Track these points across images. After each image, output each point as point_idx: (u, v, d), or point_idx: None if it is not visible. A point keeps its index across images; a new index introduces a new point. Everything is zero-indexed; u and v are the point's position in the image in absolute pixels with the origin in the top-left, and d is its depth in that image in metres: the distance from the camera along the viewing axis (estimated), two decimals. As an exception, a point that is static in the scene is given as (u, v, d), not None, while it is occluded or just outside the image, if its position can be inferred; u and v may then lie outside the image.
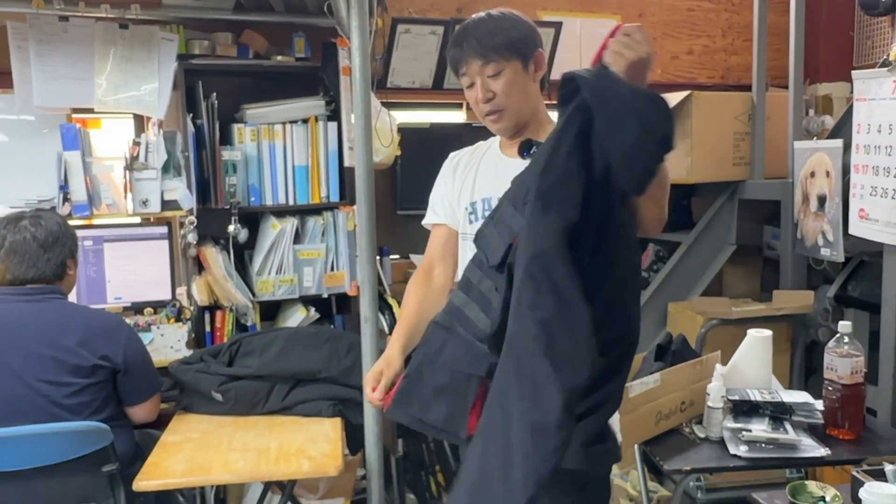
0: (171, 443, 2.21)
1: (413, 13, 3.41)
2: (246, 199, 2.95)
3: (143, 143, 2.78)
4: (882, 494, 1.60)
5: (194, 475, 2.02)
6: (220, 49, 2.97)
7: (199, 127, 2.85)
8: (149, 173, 2.77)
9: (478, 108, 1.72)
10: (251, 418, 2.39)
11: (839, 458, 2.01)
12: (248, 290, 2.92)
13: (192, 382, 2.44)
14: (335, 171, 3.02)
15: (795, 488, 1.80)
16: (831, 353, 2.10)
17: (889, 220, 2.40)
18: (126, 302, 2.91)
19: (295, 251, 2.97)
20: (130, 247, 2.92)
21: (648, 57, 1.25)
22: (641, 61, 1.24)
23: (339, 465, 2.04)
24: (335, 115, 3.01)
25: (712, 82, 3.90)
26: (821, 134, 3.41)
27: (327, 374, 2.43)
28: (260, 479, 2.20)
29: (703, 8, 3.87)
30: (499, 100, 1.68)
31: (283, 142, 2.98)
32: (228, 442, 2.21)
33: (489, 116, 1.71)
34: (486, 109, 1.69)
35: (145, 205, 2.77)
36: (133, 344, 2.30)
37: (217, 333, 2.91)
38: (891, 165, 2.39)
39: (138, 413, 2.34)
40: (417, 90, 3.46)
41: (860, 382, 2.09)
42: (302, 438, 2.22)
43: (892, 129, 2.38)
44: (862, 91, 2.52)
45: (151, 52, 2.88)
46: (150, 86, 2.88)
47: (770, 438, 2.00)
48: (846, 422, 2.09)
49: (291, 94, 3.02)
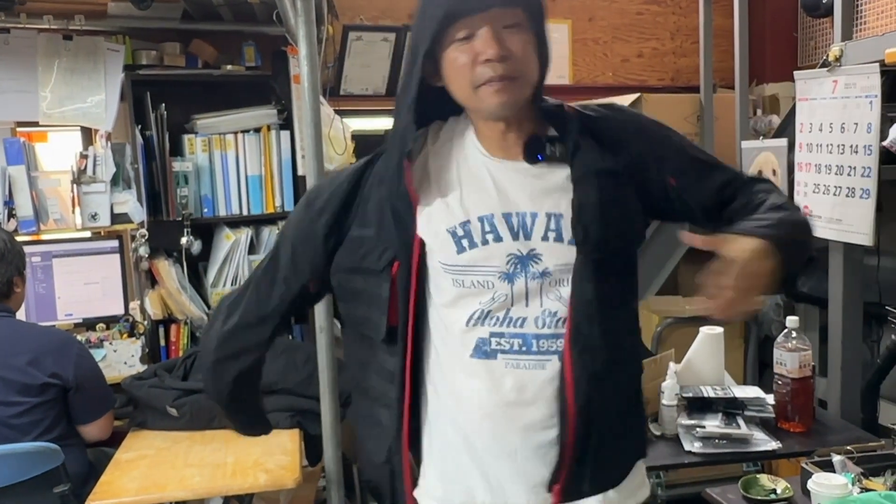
0: (125, 460, 2.18)
1: (365, 20, 3.40)
2: (198, 211, 2.91)
3: (91, 155, 2.74)
4: (829, 485, 1.64)
5: (149, 493, 1.99)
6: (168, 59, 2.94)
7: (149, 138, 2.82)
8: (97, 186, 2.72)
9: (473, 71, 1.16)
10: (208, 433, 2.36)
11: (790, 451, 2.05)
12: (203, 303, 2.88)
13: (146, 398, 2.40)
14: (289, 179, 3.00)
15: (748, 482, 1.83)
16: (780, 348, 2.15)
17: (831, 216, 2.46)
18: (77, 318, 2.85)
19: (250, 262, 2.94)
20: (80, 262, 2.86)
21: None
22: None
23: (297, 477, 2.03)
24: (288, 123, 2.99)
25: (662, 84, 3.96)
26: (768, 133, 3.48)
27: (284, 385, 2.42)
28: (217, 495, 2.17)
29: (651, 11, 3.92)
30: (515, 63, 1.16)
31: (235, 151, 2.95)
32: (184, 457, 2.18)
33: (493, 84, 1.15)
34: (497, 73, 1.15)
35: (94, 219, 2.72)
36: (84, 361, 2.26)
37: (172, 347, 2.87)
38: (832, 163, 2.45)
39: (91, 431, 2.30)
40: (371, 97, 3.46)
41: (809, 376, 2.14)
42: (259, 451, 2.20)
43: (832, 127, 2.44)
44: (804, 91, 2.58)
45: (97, 63, 2.83)
46: (97, 97, 2.83)
47: (723, 434, 2.04)
48: (796, 415, 2.14)
49: (243, 103, 3.00)
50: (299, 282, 1.36)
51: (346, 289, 1.31)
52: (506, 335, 1.21)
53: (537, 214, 1.21)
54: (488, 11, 1.15)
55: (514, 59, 1.16)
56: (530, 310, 1.21)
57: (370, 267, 1.25)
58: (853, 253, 2.54)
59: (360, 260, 1.26)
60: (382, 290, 1.23)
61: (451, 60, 1.18)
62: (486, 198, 1.22)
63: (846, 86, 2.38)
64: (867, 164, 2.30)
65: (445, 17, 1.15)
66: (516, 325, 1.21)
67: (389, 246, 1.23)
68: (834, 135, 2.43)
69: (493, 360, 1.22)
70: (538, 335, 1.21)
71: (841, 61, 2.41)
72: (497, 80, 1.16)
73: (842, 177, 2.41)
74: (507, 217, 1.21)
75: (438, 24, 1.15)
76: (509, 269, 1.20)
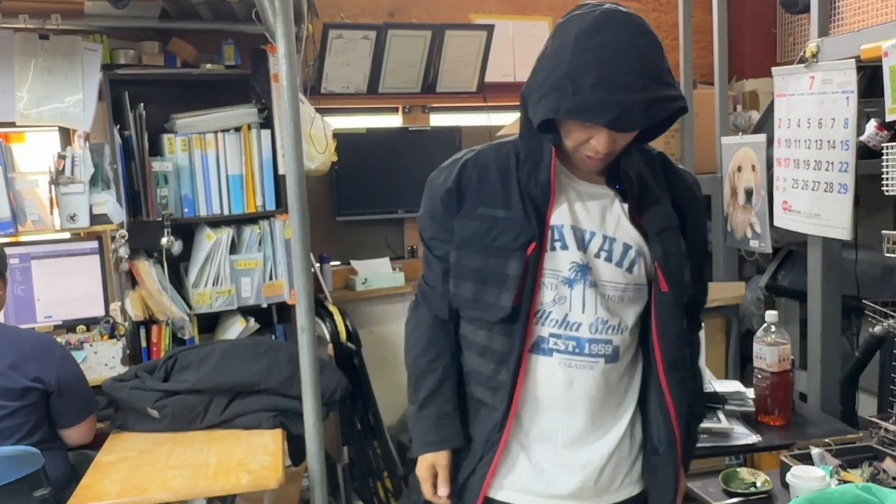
0: (106, 463, 2.16)
1: (345, 18, 3.40)
2: (179, 211, 2.89)
3: (69, 156, 2.71)
4: (807, 477, 1.66)
5: (130, 495, 1.97)
6: (147, 58, 2.91)
7: (128, 138, 2.79)
8: (76, 187, 2.69)
9: (581, 145, 1.33)
10: (189, 434, 2.35)
11: (770, 444, 2.07)
12: (185, 303, 2.86)
13: (127, 400, 2.38)
14: (270, 179, 2.99)
15: (728, 475, 1.85)
16: (759, 342, 2.17)
17: (810, 211, 2.48)
18: (57, 320, 2.82)
19: (231, 261, 2.93)
20: (59, 263, 2.83)
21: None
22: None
23: (280, 478, 2.02)
24: (268, 122, 2.97)
25: (644, 81, 3.98)
26: (748, 129, 3.50)
27: (267, 385, 2.40)
28: (199, 496, 2.15)
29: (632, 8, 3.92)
30: (618, 150, 1.35)
31: (215, 151, 2.93)
32: (166, 459, 2.16)
33: (592, 161, 1.35)
34: (598, 159, 1.34)
35: (73, 220, 2.69)
36: (67, 365, 2.24)
37: (153, 349, 2.85)
38: (810, 158, 2.47)
39: (73, 436, 2.28)
40: (352, 95, 3.45)
41: (788, 370, 2.16)
42: (242, 452, 2.19)
43: (810, 123, 2.46)
44: (782, 87, 2.60)
45: (74, 62, 2.80)
46: (75, 97, 2.80)
47: (704, 428, 2.05)
48: (776, 408, 2.16)
49: (223, 102, 2.98)
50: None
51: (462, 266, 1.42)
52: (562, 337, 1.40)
53: (595, 234, 1.40)
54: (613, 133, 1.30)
55: (616, 152, 1.34)
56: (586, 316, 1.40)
57: (503, 245, 1.37)
58: (831, 247, 2.57)
59: (492, 239, 1.38)
60: (511, 268, 1.35)
61: (568, 127, 1.32)
62: (570, 212, 1.40)
63: (823, 81, 2.40)
64: (844, 160, 2.33)
65: (601, 122, 1.25)
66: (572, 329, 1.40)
67: (526, 228, 1.36)
68: (812, 130, 2.45)
69: (549, 358, 1.40)
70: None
71: (818, 57, 2.44)
72: (597, 161, 1.34)
73: (820, 172, 2.44)
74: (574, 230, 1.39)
75: (590, 119, 1.26)
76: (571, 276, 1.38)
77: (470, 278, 1.40)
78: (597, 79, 1.21)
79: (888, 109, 2.10)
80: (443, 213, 1.44)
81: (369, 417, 3.03)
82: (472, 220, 1.39)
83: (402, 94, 3.57)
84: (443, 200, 1.44)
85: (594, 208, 1.40)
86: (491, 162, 1.43)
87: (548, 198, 1.37)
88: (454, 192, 1.43)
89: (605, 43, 1.23)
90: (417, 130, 3.60)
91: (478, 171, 1.42)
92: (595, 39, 1.23)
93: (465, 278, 1.41)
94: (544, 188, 1.37)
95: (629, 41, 1.23)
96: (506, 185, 1.39)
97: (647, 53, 1.24)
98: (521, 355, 1.38)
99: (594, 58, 1.22)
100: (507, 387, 1.39)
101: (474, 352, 1.45)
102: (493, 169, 1.42)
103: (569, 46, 1.25)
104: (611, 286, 1.39)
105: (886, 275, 2.69)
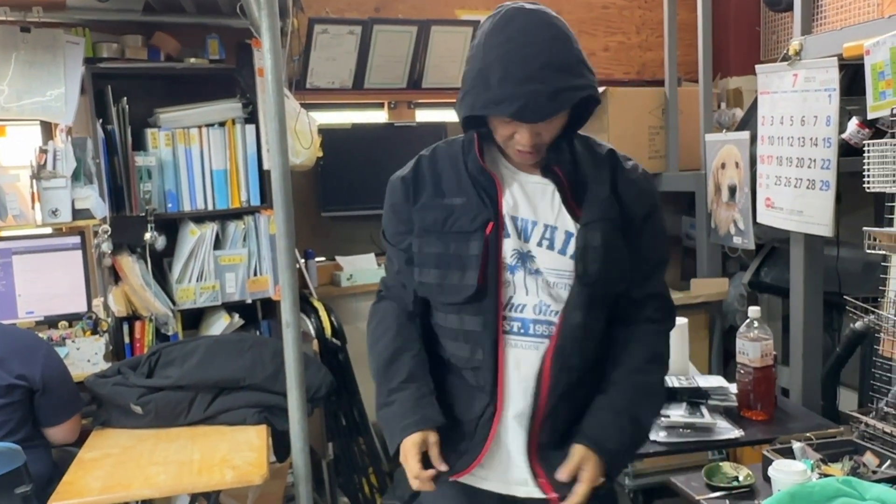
0: (89, 460, 2.14)
1: (330, 13, 3.38)
2: (162, 206, 2.87)
3: (51, 150, 2.68)
4: (789, 471, 1.67)
5: (113, 492, 1.96)
6: (130, 52, 2.89)
7: (110, 132, 2.77)
8: (58, 182, 2.67)
9: (508, 139, 1.39)
10: (173, 430, 2.34)
11: (752, 439, 2.09)
12: (168, 299, 2.85)
13: (110, 396, 2.37)
14: (255, 174, 2.97)
15: (711, 470, 1.86)
16: (742, 338, 2.18)
17: (792, 207, 2.50)
18: (38, 316, 2.80)
19: (216, 257, 2.91)
20: (41, 258, 2.81)
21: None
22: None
23: (264, 473, 2.02)
24: (253, 117, 2.96)
25: (629, 78, 4.00)
26: (732, 126, 3.53)
27: (251, 381, 2.40)
28: (182, 492, 2.15)
29: (617, 5, 3.95)
30: (544, 142, 1.40)
31: (199, 146, 2.91)
32: (149, 456, 2.16)
33: (522, 154, 1.41)
34: (527, 151, 1.39)
35: (55, 214, 2.67)
36: (52, 362, 2.23)
37: (137, 345, 2.83)
38: (793, 155, 2.49)
39: (57, 434, 2.27)
40: (337, 90, 3.44)
41: (770, 365, 2.18)
42: (226, 448, 2.18)
43: (793, 120, 2.48)
44: (765, 84, 2.62)
45: (56, 55, 2.78)
46: (57, 91, 2.78)
47: (687, 423, 2.07)
48: (759, 403, 2.18)
49: (207, 96, 2.96)
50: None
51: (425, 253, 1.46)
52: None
53: (536, 223, 1.44)
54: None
55: (543, 144, 1.39)
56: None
57: (461, 229, 1.42)
58: (814, 243, 2.58)
59: (451, 225, 1.43)
60: (472, 248, 1.41)
61: (494, 123, 1.39)
62: (521, 205, 1.45)
63: (806, 79, 2.42)
64: (827, 157, 2.35)
65: (507, 114, 1.32)
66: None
67: (482, 211, 1.42)
68: (794, 128, 2.47)
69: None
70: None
71: (801, 55, 2.45)
72: (527, 154, 1.40)
73: (802, 169, 2.46)
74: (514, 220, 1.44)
75: (497, 112, 1.33)
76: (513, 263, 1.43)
77: (433, 264, 1.45)
78: (502, 74, 1.29)
79: (870, 107, 2.12)
80: (402, 203, 1.50)
81: (354, 413, 3.03)
82: (431, 210, 1.46)
83: (387, 90, 3.56)
84: (402, 191, 1.50)
85: (535, 198, 1.45)
86: (444, 156, 1.51)
87: (494, 186, 1.44)
88: (411, 183, 1.49)
89: (508, 39, 1.31)
90: (403, 126, 3.60)
91: (433, 165, 1.50)
92: (500, 37, 1.32)
93: (429, 265, 1.45)
94: (487, 177, 1.44)
95: (531, 36, 1.30)
96: (458, 174, 1.47)
97: (551, 46, 1.30)
98: (497, 333, 1.42)
99: (500, 54, 1.30)
100: (487, 365, 1.42)
101: (449, 337, 1.49)
102: (446, 162, 1.49)
103: (481, 46, 1.34)
104: (554, 273, 1.43)
105: (867, 271, 2.71)
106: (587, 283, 1.40)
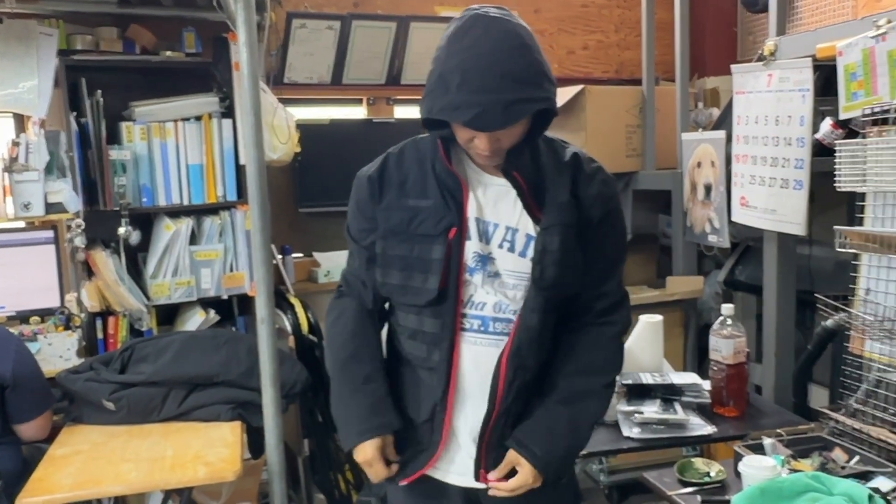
0: (59, 456, 2.12)
1: (309, 7, 3.37)
2: (137, 200, 2.84)
3: (24, 143, 2.65)
4: (759, 466, 1.69)
5: (83, 488, 1.94)
6: (105, 44, 2.85)
7: (84, 126, 2.74)
8: (30, 175, 2.63)
9: (469, 143, 1.39)
10: (146, 426, 2.31)
11: (725, 435, 2.11)
12: (143, 294, 2.82)
13: (82, 392, 2.34)
14: (231, 169, 2.95)
15: (683, 466, 1.88)
16: (715, 335, 2.20)
17: (766, 206, 2.52)
18: (10, 311, 2.75)
19: (191, 252, 2.89)
20: (13, 252, 2.77)
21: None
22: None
23: (238, 470, 2.01)
24: (230, 111, 2.93)
25: (607, 76, 4.02)
26: (709, 126, 3.55)
27: (226, 377, 2.38)
28: (154, 489, 2.13)
29: (596, 4, 3.97)
30: (504, 147, 1.39)
31: (175, 140, 2.89)
32: (121, 452, 2.13)
33: (483, 159, 1.42)
34: (488, 156, 1.39)
35: (27, 208, 2.64)
36: (23, 358, 2.20)
37: (110, 340, 2.80)
38: (767, 155, 2.51)
39: (27, 430, 2.23)
40: (316, 86, 3.42)
41: (743, 362, 2.20)
42: (199, 444, 2.16)
43: (768, 120, 2.50)
44: (741, 84, 2.64)
45: (29, 47, 2.73)
46: (29, 83, 2.73)
47: (661, 419, 2.08)
48: (731, 399, 2.20)
49: (183, 90, 2.93)
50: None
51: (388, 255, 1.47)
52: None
53: (498, 225, 1.45)
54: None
55: (503, 149, 1.38)
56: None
57: (425, 232, 1.43)
58: (787, 242, 2.61)
59: (416, 227, 1.44)
60: (435, 252, 1.41)
61: (454, 126, 1.37)
62: (486, 209, 1.46)
63: (780, 79, 2.44)
64: (800, 157, 2.37)
65: (462, 121, 1.31)
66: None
67: (446, 214, 1.43)
68: (769, 127, 2.49)
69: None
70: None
71: (776, 56, 2.48)
72: (487, 158, 1.40)
73: (776, 168, 2.48)
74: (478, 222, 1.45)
75: (453, 118, 1.32)
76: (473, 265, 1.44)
77: (397, 266, 1.46)
78: (461, 80, 1.28)
79: (842, 108, 2.14)
80: (367, 200, 1.50)
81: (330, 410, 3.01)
82: (396, 211, 1.46)
83: (366, 86, 3.55)
84: (367, 188, 1.51)
85: (499, 201, 1.46)
86: (412, 155, 1.50)
87: (461, 189, 1.44)
88: (377, 181, 1.50)
89: (469, 46, 1.30)
90: (382, 122, 3.59)
91: (400, 164, 1.50)
92: (461, 43, 1.31)
93: (392, 266, 1.46)
94: (454, 179, 1.44)
95: (492, 45, 1.29)
96: (424, 175, 1.47)
97: (510, 56, 1.29)
98: (455, 336, 1.44)
99: (460, 61, 1.29)
100: (442, 367, 1.44)
101: (406, 336, 1.50)
102: (413, 162, 1.49)
103: (444, 50, 1.33)
104: (513, 275, 1.44)
105: (839, 269, 2.74)
106: (542, 287, 1.42)
